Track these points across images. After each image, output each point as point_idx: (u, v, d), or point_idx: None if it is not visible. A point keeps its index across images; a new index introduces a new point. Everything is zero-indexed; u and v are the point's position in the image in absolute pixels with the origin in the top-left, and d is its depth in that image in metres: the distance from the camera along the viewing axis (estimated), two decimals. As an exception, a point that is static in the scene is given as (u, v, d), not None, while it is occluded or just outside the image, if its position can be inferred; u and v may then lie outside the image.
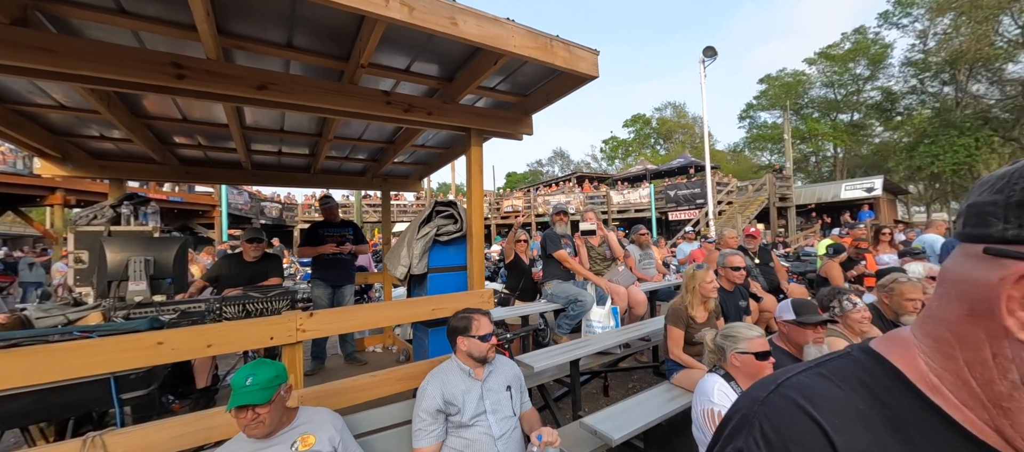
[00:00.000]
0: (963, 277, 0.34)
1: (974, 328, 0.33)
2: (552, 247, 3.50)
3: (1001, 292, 0.31)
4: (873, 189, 17.48)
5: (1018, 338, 0.30)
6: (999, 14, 19.28)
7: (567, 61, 2.08)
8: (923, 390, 0.36)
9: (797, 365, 0.43)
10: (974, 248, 0.34)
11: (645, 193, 21.01)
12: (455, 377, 1.82)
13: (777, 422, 0.37)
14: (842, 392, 0.38)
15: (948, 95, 22.57)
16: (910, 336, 0.40)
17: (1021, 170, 0.32)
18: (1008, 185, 0.33)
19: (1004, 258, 0.31)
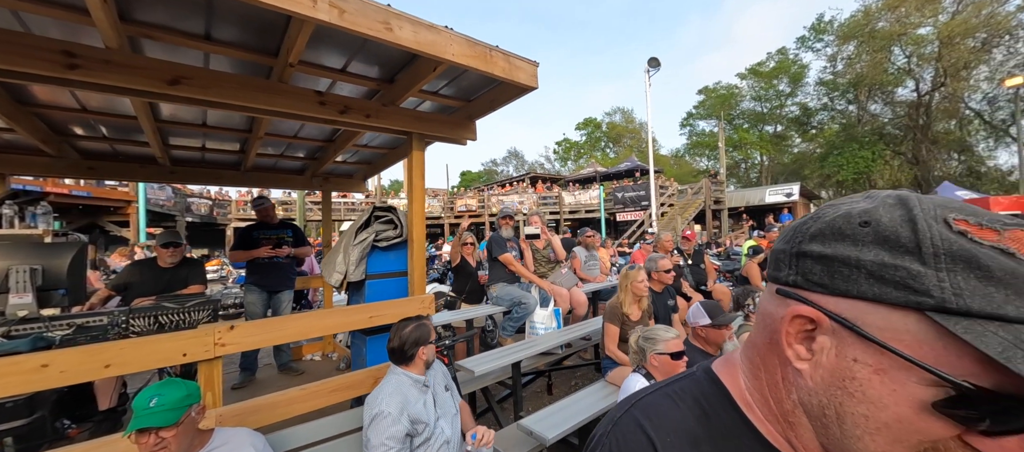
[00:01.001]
0: (765, 311, 0.41)
1: (771, 354, 0.40)
2: (497, 250, 3.55)
3: (783, 326, 0.38)
4: (792, 194, 19.50)
5: (794, 365, 0.37)
6: (891, 45, 22.28)
7: (506, 72, 2.12)
8: (741, 406, 0.43)
9: (654, 385, 0.50)
10: (772, 287, 0.41)
11: (595, 195, 21.81)
12: (412, 392, 1.73)
13: (621, 441, 0.42)
14: (679, 411, 0.44)
15: (852, 113, 25.71)
16: (737, 358, 0.47)
17: (804, 225, 0.39)
18: (793, 237, 0.39)
19: (788, 298, 0.38)
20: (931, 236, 0.31)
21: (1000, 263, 0.29)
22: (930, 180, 20.29)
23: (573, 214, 22.13)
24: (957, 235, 0.31)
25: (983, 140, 23.33)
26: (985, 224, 0.31)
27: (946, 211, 0.32)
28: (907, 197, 0.35)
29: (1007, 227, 0.31)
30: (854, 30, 23.83)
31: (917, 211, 0.33)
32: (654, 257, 3.54)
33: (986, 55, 20.53)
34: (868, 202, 0.36)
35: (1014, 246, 0.30)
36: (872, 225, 0.34)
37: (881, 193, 0.37)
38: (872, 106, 24.82)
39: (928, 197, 0.35)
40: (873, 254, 0.33)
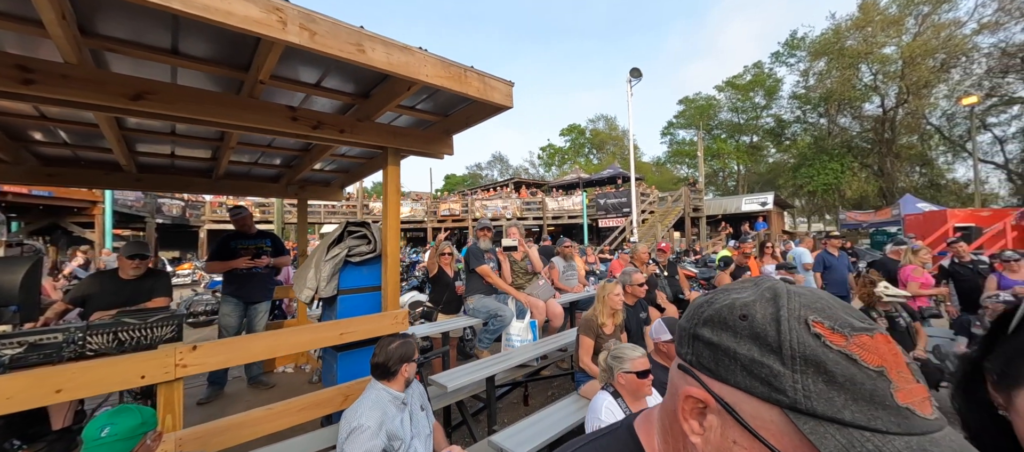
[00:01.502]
0: (672, 381, 0.45)
1: (676, 422, 0.44)
2: (475, 262, 3.56)
3: (680, 402, 0.42)
4: (767, 203, 20.16)
5: (690, 438, 0.41)
6: (859, 62, 23.37)
7: (481, 91, 2.16)
8: None
9: (582, 438, 0.53)
10: (677, 360, 0.45)
11: (578, 201, 22.03)
12: (391, 408, 1.74)
13: None
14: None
15: (822, 126, 26.81)
16: (655, 416, 0.50)
17: (700, 307, 0.43)
18: (692, 317, 0.43)
19: (686, 374, 0.42)
20: (791, 339, 0.34)
21: (843, 368, 0.32)
22: (895, 191, 21.29)
23: (556, 220, 22.30)
24: (813, 338, 0.34)
25: (942, 154, 24.69)
26: (836, 329, 0.34)
27: (809, 312, 0.36)
28: (779, 294, 0.38)
29: (855, 332, 0.34)
30: (825, 47, 24.90)
31: (784, 311, 0.36)
32: (629, 271, 3.62)
33: (945, 75, 21.76)
34: (752, 292, 0.40)
35: (857, 351, 0.33)
36: (749, 320, 0.37)
37: (766, 281, 0.41)
38: (841, 120, 25.94)
39: (799, 293, 0.38)
40: (747, 348, 0.37)
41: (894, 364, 0.33)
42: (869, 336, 0.34)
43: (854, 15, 23.66)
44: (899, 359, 0.34)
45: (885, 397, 0.32)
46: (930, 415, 0.32)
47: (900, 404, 0.31)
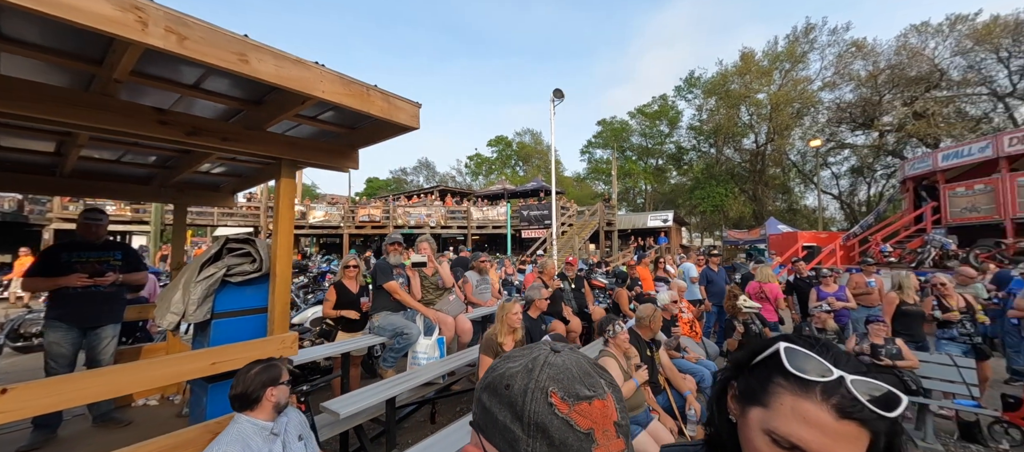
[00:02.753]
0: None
1: None
2: (382, 278, 3.46)
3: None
4: (667, 220, 22.63)
5: None
6: (740, 104, 27.59)
7: (385, 111, 2.14)
8: None
9: None
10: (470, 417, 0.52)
11: (503, 211, 22.47)
12: (255, 441, 1.59)
13: None
14: None
15: (712, 155, 30.97)
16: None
17: (486, 373, 0.50)
18: (480, 382, 0.50)
19: (473, 430, 0.49)
20: (530, 408, 0.42)
21: (561, 433, 0.41)
22: (764, 214, 25.36)
23: (481, 229, 22.45)
24: (547, 407, 0.42)
25: (798, 185, 30.10)
26: (565, 398, 0.43)
27: (551, 383, 0.44)
28: (535, 367, 0.46)
29: (577, 401, 0.43)
30: (715, 88, 28.98)
31: (532, 382, 0.44)
32: (536, 286, 3.81)
33: (799, 120, 26.69)
34: (520, 362, 0.47)
35: (575, 417, 0.42)
36: (510, 389, 0.45)
37: (536, 351, 0.48)
38: (726, 151, 30.29)
39: (552, 364, 0.46)
40: (503, 414, 0.44)
41: (602, 425, 0.43)
42: (588, 404, 0.43)
43: (737, 63, 27.95)
44: (607, 421, 0.43)
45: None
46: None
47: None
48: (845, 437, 0.52)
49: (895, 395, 0.55)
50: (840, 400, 0.53)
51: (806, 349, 0.58)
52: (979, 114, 22.16)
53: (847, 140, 26.52)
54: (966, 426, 3.78)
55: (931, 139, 21.07)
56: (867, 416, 0.53)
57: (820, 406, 0.53)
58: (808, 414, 0.54)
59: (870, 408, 0.53)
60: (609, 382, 0.47)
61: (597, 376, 0.47)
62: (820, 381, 0.55)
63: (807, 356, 0.57)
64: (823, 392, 0.54)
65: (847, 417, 0.53)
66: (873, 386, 0.55)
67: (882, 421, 0.53)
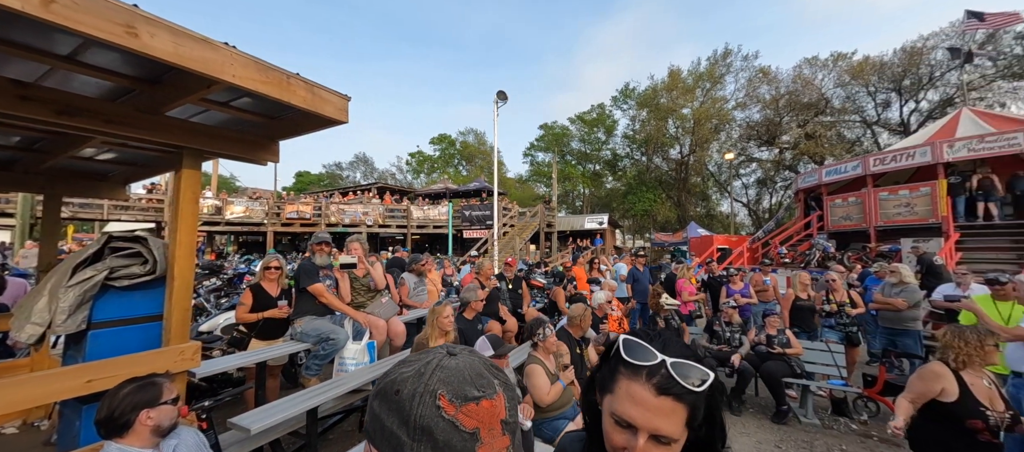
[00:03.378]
0: None
1: None
2: (307, 280, 3.23)
3: None
4: (603, 223, 23.85)
5: None
6: (668, 117, 29.94)
7: (309, 102, 2.00)
8: None
9: None
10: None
11: (444, 211, 22.11)
12: None
13: None
14: None
15: (643, 163, 33.24)
16: None
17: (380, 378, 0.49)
18: (374, 387, 0.49)
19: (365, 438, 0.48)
20: (417, 412, 0.42)
21: (446, 434, 0.42)
22: (686, 218, 27.76)
23: (421, 229, 21.90)
24: (434, 410, 0.42)
25: (715, 193, 33.39)
26: (453, 400, 0.43)
27: (441, 386, 0.44)
28: (425, 371, 0.46)
29: (465, 402, 0.43)
30: (646, 101, 31.16)
31: (421, 386, 0.44)
32: (472, 287, 3.80)
33: (717, 135, 29.62)
34: (413, 368, 0.47)
35: (461, 418, 0.43)
36: (400, 395, 0.44)
37: (428, 356, 0.48)
38: (656, 160, 32.70)
39: (443, 368, 0.46)
40: (390, 420, 0.43)
41: (488, 424, 0.44)
42: (475, 404, 0.44)
43: (665, 80, 30.33)
44: (494, 420, 0.45)
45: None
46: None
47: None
48: (662, 411, 0.62)
49: (705, 374, 0.65)
50: (659, 380, 0.63)
51: (641, 341, 0.68)
52: (853, 138, 26.32)
53: (754, 155, 30.00)
54: (837, 402, 4.45)
55: (818, 157, 24.56)
56: (679, 391, 0.63)
57: (644, 386, 0.63)
58: (635, 393, 0.64)
59: (682, 384, 0.62)
60: (503, 382, 0.49)
61: (490, 376, 0.48)
62: (645, 365, 0.65)
63: (639, 346, 0.67)
64: (648, 374, 0.64)
65: (664, 393, 0.63)
66: (689, 367, 0.64)
67: (692, 395, 0.63)
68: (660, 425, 0.62)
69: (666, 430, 0.62)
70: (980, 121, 11.72)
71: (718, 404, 0.68)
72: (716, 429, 0.69)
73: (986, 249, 9.46)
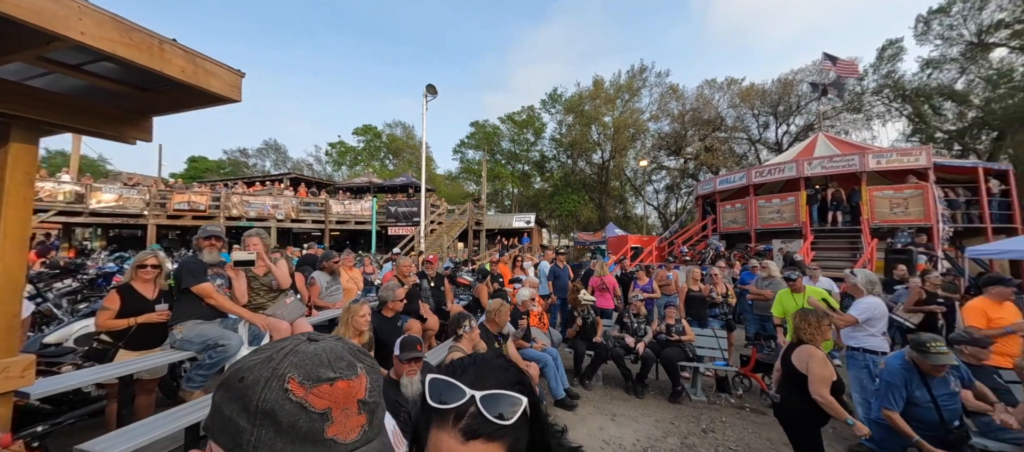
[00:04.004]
0: None
1: None
2: (191, 279, 2.82)
3: None
4: (530, 222, 24.53)
5: None
6: (591, 123, 31.79)
7: (190, 75, 1.75)
8: None
9: None
10: None
11: (367, 206, 20.92)
12: None
13: None
14: None
15: (569, 165, 34.89)
16: None
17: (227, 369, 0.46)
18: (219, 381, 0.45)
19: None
20: (261, 397, 0.40)
21: (291, 417, 0.40)
22: (606, 219, 29.76)
23: (341, 225, 20.47)
24: (282, 393, 0.40)
25: (631, 196, 36.29)
26: (304, 382, 0.41)
27: (293, 369, 0.42)
28: (278, 356, 0.43)
29: (317, 383, 0.42)
30: (572, 106, 32.76)
31: (269, 372, 0.41)
32: (391, 286, 3.66)
33: (633, 143, 32.22)
34: (264, 354, 0.44)
35: (310, 399, 0.41)
36: (244, 382, 0.41)
37: (288, 343, 0.46)
38: (580, 163, 34.55)
39: (299, 352, 0.44)
40: (230, 409, 0.40)
41: (342, 404, 0.43)
42: (329, 385, 0.42)
43: (590, 88, 32.18)
44: (349, 399, 0.43)
45: (317, 433, 0.41)
46: (348, 439, 0.42)
47: (326, 437, 0.41)
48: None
49: (516, 401, 0.56)
50: (466, 422, 0.53)
51: (448, 377, 0.57)
52: (742, 152, 30.46)
53: (664, 163, 33.21)
54: (720, 381, 5.12)
55: (715, 168, 28.00)
56: (491, 430, 0.53)
57: (450, 434, 0.53)
58: (441, 445, 0.53)
59: (493, 422, 0.53)
60: (368, 366, 0.48)
61: (352, 359, 0.46)
62: (453, 407, 0.54)
63: (445, 384, 0.56)
64: (455, 417, 0.54)
65: (473, 437, 0.53)
66: (500, 399, 0.55)
67: (506, 429, 0.54)
68: None
69: None
70: (831, 145, 14.33)
71: (543, 427, 0.60)
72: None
73: (832, 249, 11.62)
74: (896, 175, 11.62)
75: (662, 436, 3.95)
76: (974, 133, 21.76)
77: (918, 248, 9.62)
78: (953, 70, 22.43)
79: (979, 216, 11.34)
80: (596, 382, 5.17)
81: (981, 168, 11.84)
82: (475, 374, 0.58)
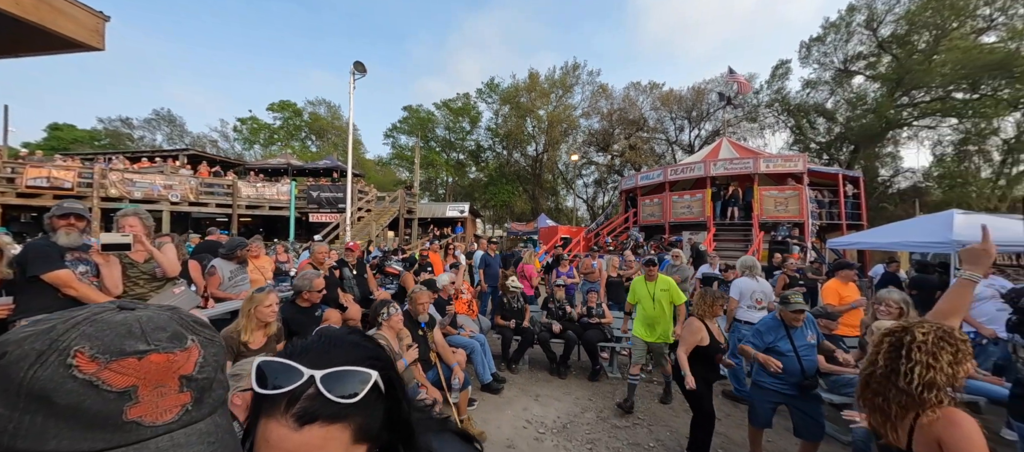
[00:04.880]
0: None
1: None
2: (41, 266, 2.33)
3: None
4: (464, 211, 24.36)
5: None
6: (526, 115, 32.31)
7: (28, 9, 1.42)
8: None
9: None
10: None
11: (285, 189, 19.11)
12: None
13: None
14: None
15: (504, 156, 35.18)
16: None
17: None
18: None
19: None
20: (29, 377, 0.33)
21: (74, 398, 0.33)
22: (539, 210, 30.67)
23: (254, 209, 18.45)
24: (62, 370, 0.33)
25: (562, 189, 37.72)
26: (97, 356, 0.35)
27: (83, 341, 0.35)
28: (62, 326, 0.36)
29: (118, 357, 0.35)
30: (508, 98, 32.97)
31: (45, 345, 0.34)
32: (308, 275, 3.40)
33: (565, 138, 33.44)
34: (44, 325, 0.36)
35: (106, 376, 0.34)
36: (6, 356, 0.34)
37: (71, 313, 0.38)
38: (515, 155, 35.01)
39: (99, 323, 0.37)
40: None
41: (154, 380, 0.36)
42: (137, 359, 0.36)
43: (526, 80, 32.60)
44: (167, 375, 0.37)
45: (112, 415, 0.34)
46: (160, 421, 0.36)
47: (128, 419, 0.35)
48: (311, 446, 0.46)
49: (365, 375, 0.50)
50: (301, 406, 0.46)
51: (284, 359, 0.50)
52: (661, 152, 33.22)
53: (594, 158, 35.02)
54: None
55: (637, 165, 30.18)
56: (332, 412, 0.47)
57: (280, 423, 0.46)
58: (270, 437, 0.46)
59: (335, 402, 0.47)
60: (205, 338, 0.42)
61: (181, 329, 0.41)
62: (285, 391, 0.47)
63: (278, 367, 0.49)
64: (287, 404, 0.47)
65: (308, 421, 0.46)
66: (345, 375, 0.49)
67: (351, 408, 0.48)
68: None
69: None
70: (733, 149, 16.21)
71: (400, 402, 0.55)
72: (400, 429, 0.56)
73: (729, 240, 13.23)
74: (779, 178, 13.54)
75: (581, 412, 4.21)
76: (838, 145, 26.11)
77: (793, 240, 11.36)
78: (825, 91, 26.63)
79: (838, 214, 13.70)
80: (522, 365, 5.33)
81: (841, 174, 14.29)
82: (319, 353, 0.52)
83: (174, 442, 0.36)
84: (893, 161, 25.57)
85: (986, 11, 19.85)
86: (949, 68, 19.17)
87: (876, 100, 23.45)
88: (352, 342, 0.56)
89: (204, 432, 0.39)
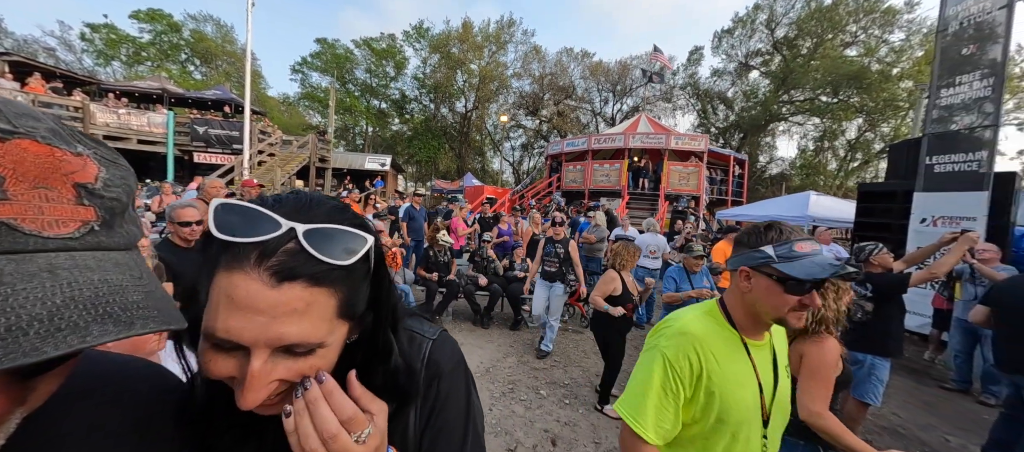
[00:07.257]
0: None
1: None
2: None
3: None
4: (385, 165, 22.92)
5: None
6: (457, 68, 30.82)
7: None
8: None
9: None
10: None
11: (160, 120, 15.94)
12: None
13: None
14: None
15: (431, 110, 33.50)
16: None
17: None
18: None
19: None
20: None
21: None
22: (465, 169, 30.16)
23: (116, 142, 15.07)
24: None
25: (490, 150, 37.46)
26: None
27: None
28: None
29: None
30: (438, 46, 30.95)
31: None
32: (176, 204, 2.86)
33: (497, 97, 32.83)
34: None
35: None
36: None
37: None
38: (443, 109, 33.50)
39: None
40: None
41: (34, 176, 0.27)
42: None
43: (459, 30, 30.80)
44: (50, 173, 0.28)
45: None
46: (50, 232, 0.27)
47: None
48: (287, 306, 0.38)
49: (361, 239, 0.42)
50: (278, 259, 0.38)
51: (256, 205, 0.41)
52: (586, 121, 34.56)
53: (522, 122, 35.13)
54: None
55: (564, 132, 31.08)
56: (317, 271, 0.39)
57: (251, 275, 0.37)
58: (237, 291, 0.37)
59: (322, 260, 0.39)
60: (108, 159, 0.32)
61: (69, 135, 0.30)
62: (257, 241, 0.38)
63: (249, 213, 0.39)
64: (260, 256, 0.38)
65: (288, 279, 0.38)
66: (335, 234, 0.40)
67: (339, 272, 0.40)
68: (286, 331, 0.38)
69: (298, 335, 0.38)
70: (649, 125, 17.47)
71: (383, 282, 0.47)
72: (384, 312, 0.48)
73: (639, 208, 14.53)
74: (684, 155, 15.06)
75: (502, 357, 4.40)
76: (731, 132, 29.74)
77: (690, 210, 12.88)
78: (728, 81, 29.83)
79: (726, 191, 15.80)
80: (446, 317, 5.35)
81: (732, 156, 16.37)
82: (296, 205, 0.42)
83: (77, 262, 0.28)
84: (769, 150, 30.06)
85: (852, 28, 23.66)
86: (821, 73, 22.73)
87: (765, 95, 26.97)
88: (336, 206, 0.45)
89: (121, 262, 0.30)
